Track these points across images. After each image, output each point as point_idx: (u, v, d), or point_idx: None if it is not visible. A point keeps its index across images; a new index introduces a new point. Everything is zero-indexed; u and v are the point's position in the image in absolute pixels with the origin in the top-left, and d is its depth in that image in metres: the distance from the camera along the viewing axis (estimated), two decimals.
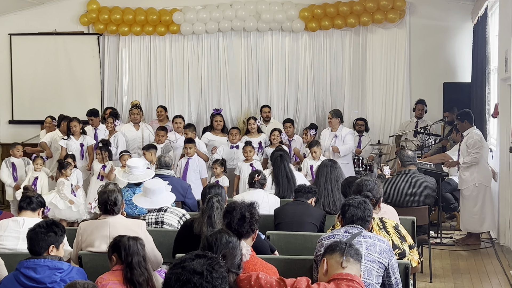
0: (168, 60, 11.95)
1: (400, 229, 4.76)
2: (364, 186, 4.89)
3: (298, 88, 11.76)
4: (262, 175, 6.59)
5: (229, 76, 11.87)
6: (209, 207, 4.79)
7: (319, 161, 8.18)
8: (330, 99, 11.68)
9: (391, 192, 6.91)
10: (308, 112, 11.71)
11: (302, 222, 5.66)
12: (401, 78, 11.43)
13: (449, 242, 8.72)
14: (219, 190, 5.41)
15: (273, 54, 11.72)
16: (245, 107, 11.87)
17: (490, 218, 8.55)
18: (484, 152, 8.52)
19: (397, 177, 7.06)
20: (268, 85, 11.80)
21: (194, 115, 11.93)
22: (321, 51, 11.65)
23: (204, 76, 11.89)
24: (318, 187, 6.26)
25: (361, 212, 4.22)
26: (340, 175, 6.43)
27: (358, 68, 11.59)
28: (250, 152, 9.02)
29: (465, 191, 8.56)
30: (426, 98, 10.90)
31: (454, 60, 11.29)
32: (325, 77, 11.68)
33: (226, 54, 11.82)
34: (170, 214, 5.73)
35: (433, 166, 8.35)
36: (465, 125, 8.58)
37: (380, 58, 11.49)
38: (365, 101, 11.61)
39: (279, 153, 7.54)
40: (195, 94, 11.97)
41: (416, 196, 6.95)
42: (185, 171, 9.02)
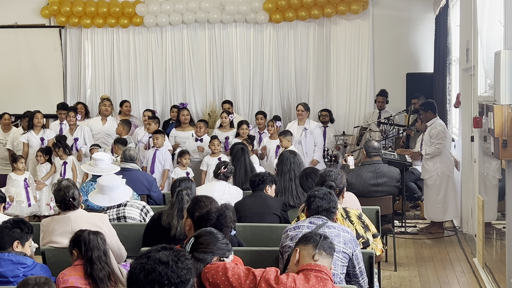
0: (132, 53, 11.83)
1: (364, 218, 4.79)
2: (328, 176, 4.90)
3: (263, 80, 11.75)
4: (229, 168, 6.58)
5: (194, 68, 11.80)
6: (179, 200, 4.79)
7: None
8: (295, 91, 11.69)
9: (355, 183, 6.95)
10: (273, 104, 11.71)
11: (263, 214, 5.67)
12: (365, 69, 11.50)
13: (413, 231, 8.83)
14: (189, 183, 5.41)
15: (238, 46, 11.68)
16: (210, 99, 11.82)
17: (453, 207, 8.67)
18: (447, 142, 8.63)
19: (362, 167, 7.10)
20: (233, 77, 11.76)
21: (159, 108, 11.83)
22: (285, 43, 11.65)
23: (169, 68, 11.80)
24: (280, 180, 6.26)
25: (326, 204, 4.24)
26: (303, 166, 6.44)
27: (323, 59, 11.61)
28: (218, 145, 8.99)
29: (428, 181, 8.66)
30: (389, 88, 10.98)
31: (416, 50, 11.40)
32: (290, 69, 11.69)
33: (190, 47, 11.75)
34: (131, 208, 5.68)
35: (396, 156, 8.44)
36: (428, 115, 8.68)
37: (344, 49, 11.53)
38: (330, 93, 11.65)
39: (240, 146, 7.53)
40: (159, 87, 11.89)
41: (380, 186, 7.00)
42: (153, 163, 8.97)
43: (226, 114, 10.01)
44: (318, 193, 4.29)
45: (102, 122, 10.20)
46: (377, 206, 6.20)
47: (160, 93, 11.90)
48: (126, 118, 10.40)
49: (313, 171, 5.83)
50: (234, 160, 7.35)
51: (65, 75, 11.89)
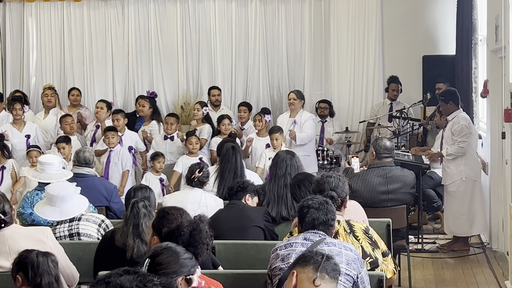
0: (86, 32, 11.77)
1: (371, 233, 4.78)
2: (327, 184, 4.87)
3: (248, 65, 11.73)
4: (205, 172, 6.54)
5: (163, 51, 11.77)
6: (134, 213, 4.76)
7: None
8: (287, 78, 11.69)
9: (361, 190, 6.95)
10: (261, 94, 11.70)
11: (244, 228, 5.66)
12: (372, 52, 11.51)
13: (432, 248, 8.84)
14: (147, 193, 5.35)
15: (217, 24, 11.66)
16: (183, 88, 11.78)
17: (480, 219, 8.69)
18: (473, 140, 8.64)
19: (369, 171, 7.10)
20: (211, 61, 11.73)
21: (120, 99, 11.80)
22: (275, 20, 11.64)
23: (132, 51, 11.76)
24: (272, 186, 6.24)
25: (323, 215, 4.24)
26: (301, 167, 6.42)
27: (321, 40, 11.61)
28: (196, 143, 8.98)
29: (451, 187, 8.68)
30: (402, 75, 11.00)
31: (435, 29, 11.42)
32: (281, 52, 11.68)
33: (159, 24, 11.72)
34: (86, 223, 5.63)
35: (411, 157, 8.44)
36: (449, 107, 8.69)
37: (346, 28, 11.54)
38: (330, 80, 11.65)
39: (231, 144, 7.50)
40: (120, 73, 11.84)
41: (392, 193, 7.00)
42: (107, 167, 8.95)
43: (200, 106, 9.98)
44: (312, 203, 4.28)
45: (44, 116, 10.15)
46: (388, 218, 6.20)
47: (122, 81, 11.85)
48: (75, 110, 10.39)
49: (307, 177, 5.79)
50: (223, 162, 7.34)
51: (4, 59, 11.84)
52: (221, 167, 7.30)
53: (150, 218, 4.64)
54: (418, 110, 10.83)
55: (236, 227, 5.67)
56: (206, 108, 10.08)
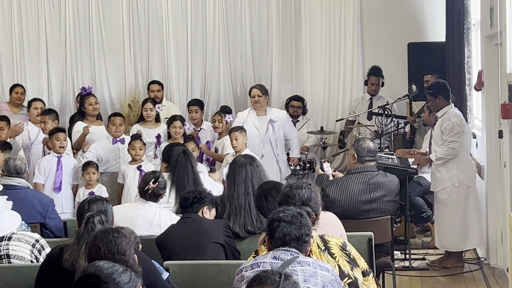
0: (16, 19, 11.70)
1: (349, 250, 4.78)
2: (297, 196, 4.82)
3: (206, 56, 11.74)
4: (162, 182, 6.55)
5: (106, 41, 11.74)
6: (89, 230, 4.70)
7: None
8: (252, 70, 11.72)
9: (340, 199, 6.95)
10: (222, 89, 11.71)
11: (201, 246, 5.63)
12: (350, 40, 11.57)
13: (421, 266, 8.87)
14: (104, 206, 5.30)
15: (169, 8, 11.65)
16: (130, 84, 11.76)
17: (475, 231, 8.73)
18: (466, 139, 8.69)
19: (349, 177, 7.10)
20: (163, 52, 11.73)
21: (57, 98, 11.71)
22: (237, 3, 11.66)
23: (70, 41, 11.70)
24: (231, 196, 6.22)
25: (296, 230, 4.21)
26: (264, 175, 6.41)
27: (290, 26, 11.66)
28: (140, 149, 8.92)
29: (441, 194, 8.72)
30: (385, 66, 11.04)
31: (421, 12, 11.50)
32: (244, 40, 11.72)
33: (101, 9, 11.68)
34: (18, 243, 5.56)
35: (396, 161, 8.47)
36: (439, 102, 8.73)
37: (320, 12, 11.59)
38: (301, 73, 11.70)
39: (180, 149, 7.50)
40: (57, 67, 11.78)
41: (374, 203, 7.02)
42: (59, 176, 8.84)
43: (152, 104, 9.93)
44: (284, 216, 4.25)
45: None
46: (370, 231, 6.21)
47: (58, 76, 11.78)
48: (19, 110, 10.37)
49: (274, 186, 5.75)
50: (176, 169, 7.33)
51: None
52: (175, 175, 7.27)
53: None
54: (403, 106, 10.88)
55: (192, 245, 5.64)
56: (160, 106, 10.05)
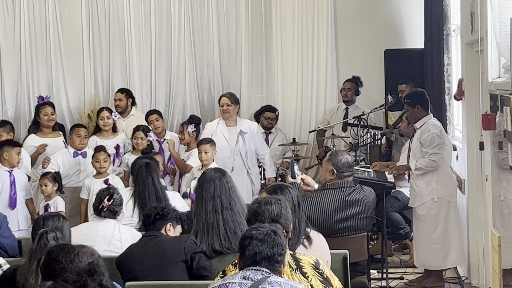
0: None
1: (323, 268, 4.78)
2: (267, 213, 4.83)
3: (171, 63, 11.73)
4: (117, 199, 6.55)
5: (65, 46, 11.68)
6: (41, 246, 4.66)
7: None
8: (220, 78, 11.72)
9: (315, 217, 6.95)
10: (188, 98, 11.71)
11: (162, 267, 5.60)
12: (323, 47, 11.61)
13: (399, 285, 8.90)
14: (60, 222, 5.31)
15: (132, 12, 11.64)
16: (90, 92, 11.70)
17: (456, 248, 8.76)
18: (446, 152, 8.73)
19: (324, 193, 7.10)
20: (125, 59, 11.71)
21: (11, 108, 11.64)
22: (204, 7, 11.68)
23: (25, 47, 11.64)
24: (198, 213, 6.21)
25: (268, 249, 4.21)
26: (234, 192, 6.39)
27: (261, 32, 11.70)
28: (105, 161, 8.91)
29: (420, 210, 8.74)
30: (360, 74, 11.10)
31: (399, 18, 11.57)
32: (212, 46, 11.73)
33: (58, 13, 11.62)
34: None
35: (372, 174, 8.49)
36: (417, 112, 8.77)
37: (292, 17, 11.64)
38: (272, 81, 11.73)
39: (144, 161, 7.52)
40: (10, 75, 11.68)
41: (350, 220, 7.03)
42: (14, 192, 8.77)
43: (109, 112, 9.92)
44: (256, 233, 4.26)
45: None
46: (345, 249, 6.20)
47: (12, 84, 11.69)
48: None
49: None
50: (138, 184, 7.36)
51: None
52: (136, 190, 7.27)
53: None
54: (380, 116, 10.92)
55: (152, 265, 5.62)
56: (117, 114, 10.02)
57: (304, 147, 11.22)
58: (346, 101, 11.04)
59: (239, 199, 6.35)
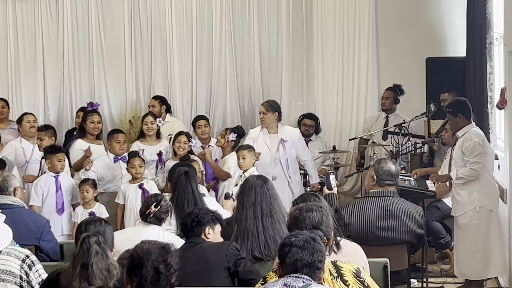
0: (11, 30, 11.77)
1: (364, 276, 4.77)
2: (308, 220, 4.84)
3: (212, 70, 11.76)
4: (164, 206, 6.59)
5: (107, 53, 11.78)
6: (84, 251, 4.66)
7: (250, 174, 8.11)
8: (260, 84, 11.73)
9: (356, 224, 6.94)
10: (228, 105, 11.72)
11: (204, 274, 5.59)
12: (364, 54, 11.56)
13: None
14: (102, 227, 5.35)
15: (173, 19, 11.68)
16: (132, 98, 11.78)
17: (498, 258, 8.68)
18: (488, 161, 8.65)
19: (367, 200, 7.08)
20: (166, 65, 11.76)
21: (54, 113, 11.75)
22: (245, 14, 11.71)
23: (68, 52, 11.75)
24: (239, 219, 6.20)
25: (308, 256, 4.21)
26: (275, 199, 6.37)
27: (301, 39, 11.68)
28: (140, 166, 8.92)
29: (461, 219, 8.67)
30: (401, 81, 11.04)
31: (441, 26, 11.49)
32: (253, 53, 11.74)
33: (101, 19, 11.73)
34: (7, 257, 5.56)
35: (413, 183, 8.43)
36: (459, 121, 8.70)
37: (333, 24, 11.60)
38: (312, 88, 11.71)
39: (183, 169, 7.50)
40: (53, 80, 11.82)
41: (392, 231, 7.00)
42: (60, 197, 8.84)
43: (153, 118, 9.93)
44: (295, 240, 4.26)
45: None
46: (386, 258, 6.19)
47: (55, 90, 11.82)
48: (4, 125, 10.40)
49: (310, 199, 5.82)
50: (176, 191, 7.35)
51: None
52: (175, 197, 7.27)
53: (104, 257, 4.59)
54: (421, 125, 10.86)
55: (193, 272, 5.61)
56: (161, 120, 10.05)
57: (344, 155, 11.18)
58: (385, 109, 11.00)
59: (280, 207, 6.34)
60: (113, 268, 4.61)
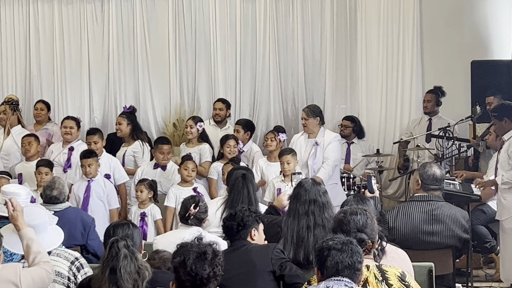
0: (57, 33, 11.87)
1: (409, 281, 4.74)
2: (352, 223, 4.82)
3: (255, 73, 11.78)
4: (202, 206, 6.57)
5: (151, 55, 11.85)
6: (113, 255, 4.68)
7: (293, 181, 8.02)
8: (304, 88, 11.73)
9: (401, 227, 6.88)
10: (272, 109, 11.73)
11: (248, 277, 5.57)
12: (408, 57, 11.52)
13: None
14: (130, 230, 5.34)
15: (217, 22, 11.72)
16: (176, 101, 11.82)
17: None
18: None
19: (412, 204, 7.02)
20: (210, 69, 11.79)
21: (99, 116, 11.84)
22: (289, 18, 11.70)
23: (113, 56, 11.84)
24: (291, 224, 6.15)
25: (348, 257, 4.22)
26: (328, 208, 6.30)
27: (345, 43, 11.66)
28: (193, 170, 8.96)
29: (507, 223, 8.59)
30: (446, 85, 10.97)
31: (486, 28, 11.41)
32: (296, 57, 11.75)
33: (146, 23, 11.81)
34: (57, 258, 5.62)
35: (458, 186, 8.36)
36: (505, 125, 8.64)
37: (377, 28, 11.58)
38: (356, 92, 11.68)
39: (240, 172, 7.46)
40: (99, 83, 11.91)
41: (437, 236, 6.94)
42: (86, 201, 8.87)
43: (193, 122, 9.94)
44: (333, 244, 4.27)
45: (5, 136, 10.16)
46: (430, 262, 6.16)
47: (100, 92, 11.92)
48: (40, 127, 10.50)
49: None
50: (234, 193, 7.33)
51: None
52: (230, 200, 7.25)
53: (133, 260, 4.60)
54: (465, 128, 10.78)
55: (239, 275, 5.59)
56: (201, 124, 10.03)
57: (387, 158, 11.12)
58: (427, 112, 10.92)
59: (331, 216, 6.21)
60: (144, 269, 4.63)
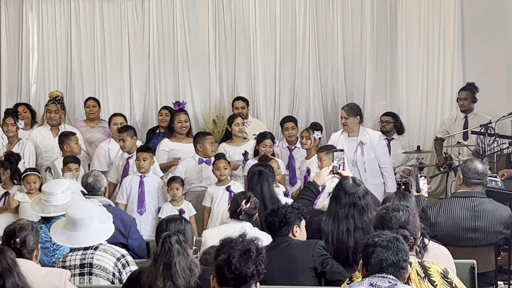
0: (98, 31, 11.94)
1: (451, 278, 4.73)
2: (394, 219, 4.82)
3: (295, 69, 11.76)
4: (253, 202, 6.64)
5: (191, 52, 11.87)
6: (166, 250, 4.70)
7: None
8: (343, 84, 11.70)
9: (443, 223, 6.85)
10: (311, 105, 11.70)
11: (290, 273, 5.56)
12: (449, 54, 11.44)
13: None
14: (182, 225, 5.35)
15: (257, 19, 11.73)
16: (215, 98, 11.84)
17: None
18: None
19: (454, 200, 6.97)
20: (250, 65, 11.80)
21: (139, 112, 11.91)
22: (329, 14, 11.69)
23: (153, 53, 11.89)
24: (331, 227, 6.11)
25: (393, 255, 4.21)
26: (369, 211, 6.21)
27: (385, 39, 11.63)
28: (225, 168, 8.94)
29: None
30: (486, 82, 10.88)
31: None
32: (336, 53, 11.72)
33: (186, 20, 11.84)
34: (103, 254, 5.69)
35: (500, 183, 8.30)
36: None
37: (418, 23, 11.52)
38: (396, 88, 11.63)
39: (257, 169, 7.53)
40: (139, 80, 11.97)
41: (479, 232, 6.88)
42: (141, 197, 8.94)
43: (242, 119, 9.96)
44: (379, 240, 4.26)
45: (52, 132, 10.19)
46: (473, 259, 6.13)
47: (141, 89, 11.97)
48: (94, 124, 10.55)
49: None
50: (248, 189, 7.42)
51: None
52: None
53: (185, 256, 4.63)
54: (504, 125, 10.68)
55: (281, 271, 5.60)
56: (247, 121, 10.06)
57: (428, 155, 11.05)
58: (464, 110, 10.82)
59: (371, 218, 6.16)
60: (194, 266, 4.65)
